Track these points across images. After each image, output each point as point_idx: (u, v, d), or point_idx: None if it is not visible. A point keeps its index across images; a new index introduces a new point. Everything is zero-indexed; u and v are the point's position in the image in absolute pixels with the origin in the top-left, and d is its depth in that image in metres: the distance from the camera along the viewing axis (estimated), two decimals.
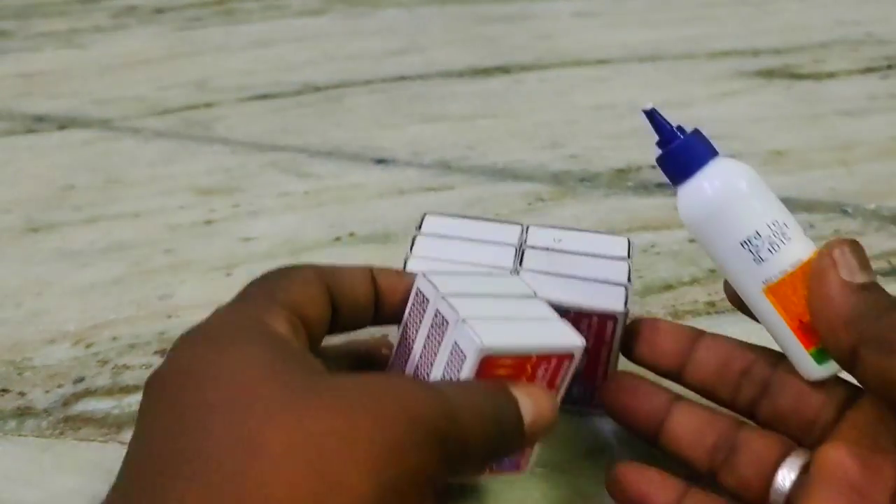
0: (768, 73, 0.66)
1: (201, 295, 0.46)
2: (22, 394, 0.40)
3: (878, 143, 0.58)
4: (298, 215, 0.51)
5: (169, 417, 0.24)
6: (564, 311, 0.33)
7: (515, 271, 0.36)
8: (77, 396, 0.40)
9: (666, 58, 0.68)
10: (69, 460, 0.37)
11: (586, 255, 0.37)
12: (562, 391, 0.30)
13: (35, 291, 0.46)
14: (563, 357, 0.29)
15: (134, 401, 0.40)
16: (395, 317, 0.32)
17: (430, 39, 0.71)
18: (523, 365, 0.28)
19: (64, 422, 0.39)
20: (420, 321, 0.30)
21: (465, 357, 0.27)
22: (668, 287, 0.46)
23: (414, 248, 0.37)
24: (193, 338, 0.26)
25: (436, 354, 0.29)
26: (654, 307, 0.44)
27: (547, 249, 0.37)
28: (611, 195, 0.53)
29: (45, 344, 0.43)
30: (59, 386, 0.40)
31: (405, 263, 0.36)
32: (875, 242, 0.49)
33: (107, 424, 0.38)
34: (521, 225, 0.39)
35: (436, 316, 0.29)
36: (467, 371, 0.27)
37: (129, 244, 0.49)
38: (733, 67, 0.67)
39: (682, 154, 0.30)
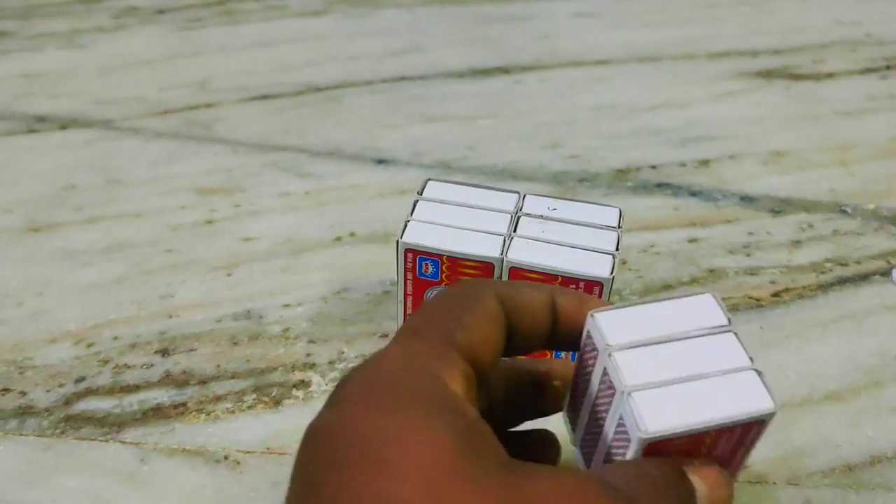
0: (767, 74, 0.66)
1: (202, 295, 0.46)
2: (23, 393, 0.40)
3: (877, 144, 0.58)
4: (299, 215, 0.52)
5: (335, 486, 0.21)
6: (554, 277, 0.35)
7: (510, 237, 0.37)
8: (78, 396, 0.40)
9: (666, 58, 0.68)
10: (70, 460, 0.37)
11: (578, 223, 0.39)
12: (750, 455, 0.26)
13: (36, 291, 0.46)
14: (750, 426, 0.25)
15: (135, 400, 0.40)
16: (568, 345, 0.29)
17: (431, 40, 0.71)
18: (700, 439, 0.24)
19: (65, 421, 0.39)
20: (592, 368, 0.27)
21: (629, 439, 0.24)
22: (668, 287, 0.46)
23: (414, 211, 0.39)
24: (362, 391, 0.23)
25: (607, 415, 0.26)
26: None
27: (541, 217, 0.39)
28: (610, 195, 0.53)
29: (46, 343, 0.43)
30: (61, 385, 0.41)
31: (404, 227, 0.38)
32: (875, 242, 0.49)
33: (108, 424, 0.39)
34: (518, 193, 0.40)
35: (604, 374, 0.26)
36: (632, 454, 0.24)
37: (130, 244, 0.49)
38: (733, 68, 0.67)
39: None
